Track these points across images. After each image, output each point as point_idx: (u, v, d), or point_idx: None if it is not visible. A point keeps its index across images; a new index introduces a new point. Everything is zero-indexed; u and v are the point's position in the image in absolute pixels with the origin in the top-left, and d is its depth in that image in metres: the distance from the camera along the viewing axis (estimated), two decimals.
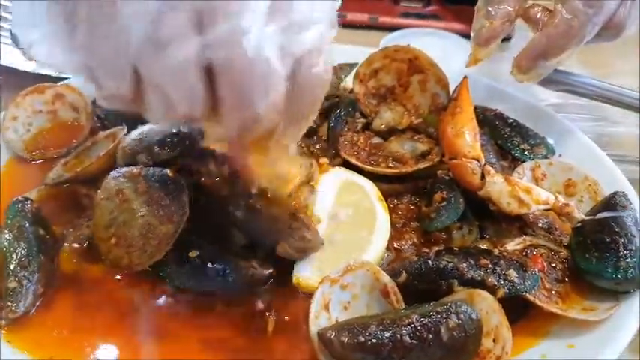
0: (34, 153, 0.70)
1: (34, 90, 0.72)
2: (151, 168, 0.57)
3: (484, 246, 0.60)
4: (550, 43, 0.64)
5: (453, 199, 0.62)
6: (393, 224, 0.63)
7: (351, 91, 0.81)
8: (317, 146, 0.75)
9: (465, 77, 0.72)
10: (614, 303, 0.54)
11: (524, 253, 0.59)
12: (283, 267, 0.56)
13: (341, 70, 0.81)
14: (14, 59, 0.91)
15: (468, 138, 0.65)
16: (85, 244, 0.58)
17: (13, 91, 0.85)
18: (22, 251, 0.52)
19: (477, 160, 0.63)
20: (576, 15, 0.62)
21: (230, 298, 0.55)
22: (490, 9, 0.67)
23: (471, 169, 0.63)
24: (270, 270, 0.54)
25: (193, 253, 0.54)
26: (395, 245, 0.62)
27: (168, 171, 0.56)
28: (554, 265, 0.59)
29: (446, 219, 0.61)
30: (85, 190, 0.64)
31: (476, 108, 0.71)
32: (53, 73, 0.88)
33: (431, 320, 0.47)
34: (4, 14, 1.04)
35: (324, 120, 0.78)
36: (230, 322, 0.54)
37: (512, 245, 0.60)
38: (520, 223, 0.64)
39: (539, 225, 0.65)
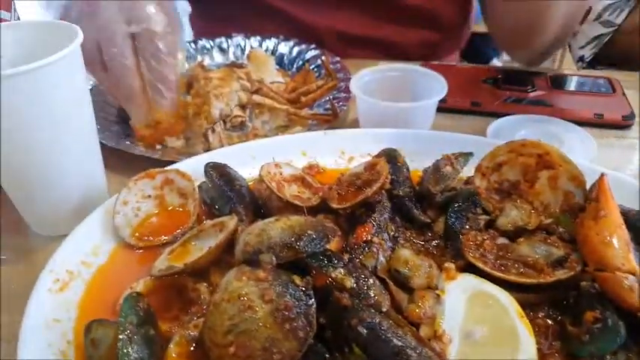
0: (140, 240, 0.70)
1: (146, 175, 0.74)
2: (279, 272, 0.54)
3: None
4: None
5: (609, 320, 0.55)
6: None
7: (466, 182, 0.78)
8: (433, 243, 0.71)
9: (603, 175, 0.66)
10: None
11: None
12: None
13: (456, 160, 0.77)
14: (118, 141, 0.95)
15: (618, 247, 0.58)
16: (192, 346, 0.55)
17: (120, 172, 0.88)
18: (135, 355, 0.50)
19: (633, 273, 0.56)
20: None
21: None
22: None
23: (627, 285, 0.55)
24: None
25: None
26: None
27: (297, 278, 0.53)
28: None
29: (604, 345, 0.53)
30: (191, 283, 0.62)
31: None
32: (155, 155, 0.91)
33: None
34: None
35: (439, 213, 0.74)
36: None
37: None
38: None
39: None
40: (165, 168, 0.77)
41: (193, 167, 0.80)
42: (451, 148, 0.82)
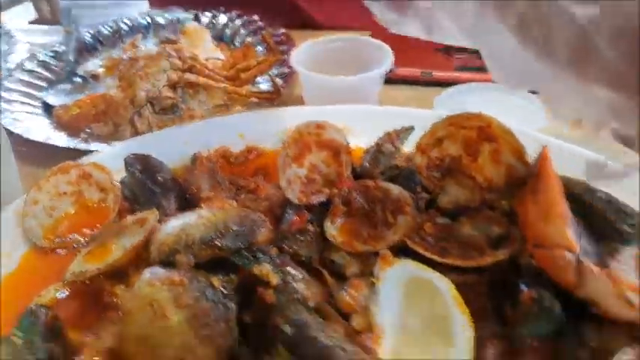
0: (54, 241, 0.66)
1: (58, 170, 0.69)
2: (194, 276, 0.51)
3: (585, 357, 0.52)
4: None
5: (545, 300, 0.54)
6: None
7: (409, 159, 0.75)
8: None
9: (545, 147, 0.64)
10: None
11: None
12: None
13: (397, 137, 0.75)
14: (43, 133, 0.90)
15: (557, 223, 0.57)
16: (107, 357, 0.52)
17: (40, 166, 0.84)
18: None
19: (571, 250, 0.55)
20: None
21: None
22: None
23: (563, 262, 0.54)
24: None
25: None
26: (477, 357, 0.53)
27: (214, 279, 0.51)
28: None
29: (538, 328, 0.53)
30: (109, 287, 0.59)
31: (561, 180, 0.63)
32: (81, 147, 0.86)
33: None
34: (36, 81, 1.04)
35: None
36: None
37: (623, 359, 0.51)
38: (629, 327, 0.55)
39: None
40: (81, 161, 0.72)
41: (115, 157, 0.75)
42: (398, 123, 0.80)
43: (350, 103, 0.90)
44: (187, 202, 0.71)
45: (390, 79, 1.09)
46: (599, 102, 0.46)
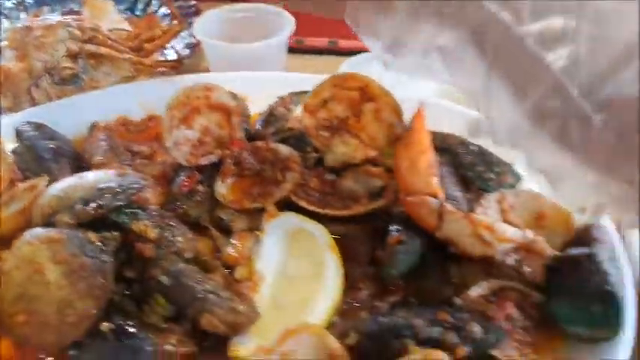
0: None
1: None
2: (73, 233, 0.53)
3: (447, 292, 0.58)
4: None
5: (409, 242, 0.59)
6: (347, 272, 0.59)
7: (299, 120, 0.78)
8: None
9: (420, 106, 0.69)
10: (592, 354, 0.51)
11: (491, 299, 0.56)
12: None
13: (291, 101, 0.78)
14: None
15: (423, 173, 0.62)
16: None
17: None
18: None
19: (434, 196, 0.60)
20: None
21: None
22: None
23: (426, 207, 0.59)
24: (193, 349, 0.51)
25: (105, 327, 0.50)
26: (349, 298, 0.58)
27: (91, 235, 0.53)
28: (525, 310, 0.56)
29: (401, 265, 0.58)
30: None
31: (437, 135, 0.68)
32: None
33: None
34: None
35: None
36: None
37: (477, 291, 0.57)
38: (486, 264, 0.61)
39: (509, 263, 0.62)
40: None
41: (11, 128, 0.75)
42: (298, 89, 0.82)
43: (254, 71, 0.92)
44: (82, 169, 0.71)
45: (299, 49, 1.11)
46: (600, 188, 0.48)
